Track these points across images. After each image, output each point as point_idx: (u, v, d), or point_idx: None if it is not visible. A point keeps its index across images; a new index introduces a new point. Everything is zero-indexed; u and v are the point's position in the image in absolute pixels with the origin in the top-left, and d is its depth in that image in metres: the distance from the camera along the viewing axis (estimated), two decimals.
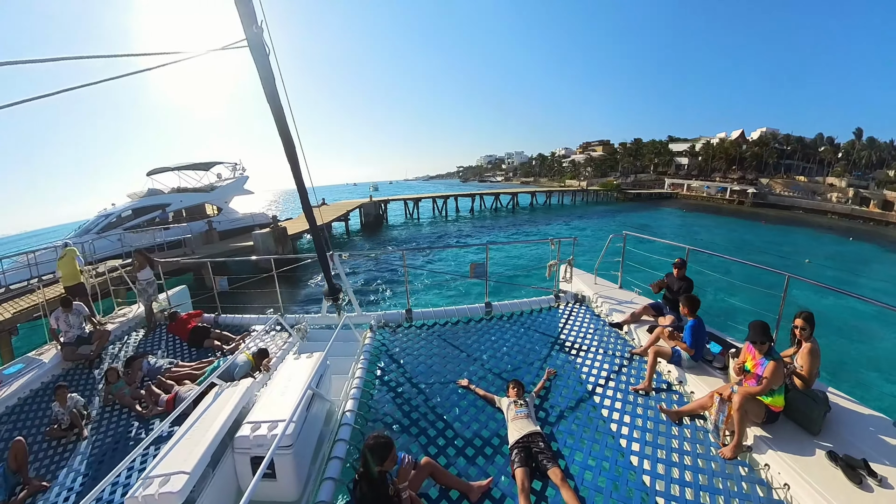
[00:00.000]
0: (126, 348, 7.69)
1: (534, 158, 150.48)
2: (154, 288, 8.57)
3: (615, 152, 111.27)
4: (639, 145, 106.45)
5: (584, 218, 53.23)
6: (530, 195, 71.20)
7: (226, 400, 4.14)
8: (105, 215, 22.92)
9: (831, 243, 40.21)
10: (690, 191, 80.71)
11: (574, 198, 76.47)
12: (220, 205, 27.87)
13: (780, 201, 66.54)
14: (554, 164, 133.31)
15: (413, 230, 45.01)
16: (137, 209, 23.81)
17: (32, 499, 4.42)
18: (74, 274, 8.41)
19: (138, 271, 8.42)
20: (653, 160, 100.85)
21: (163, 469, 3.17)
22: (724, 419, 3.95)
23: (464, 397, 4.97)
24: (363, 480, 3.03)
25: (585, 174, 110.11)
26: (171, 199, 25.51)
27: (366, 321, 7.04)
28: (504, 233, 43.45)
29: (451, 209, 58.70)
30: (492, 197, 65.20)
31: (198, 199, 26.82)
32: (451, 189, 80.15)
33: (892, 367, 13.18)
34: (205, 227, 24.72)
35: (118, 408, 5.84)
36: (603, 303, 7.09)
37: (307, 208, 5.58)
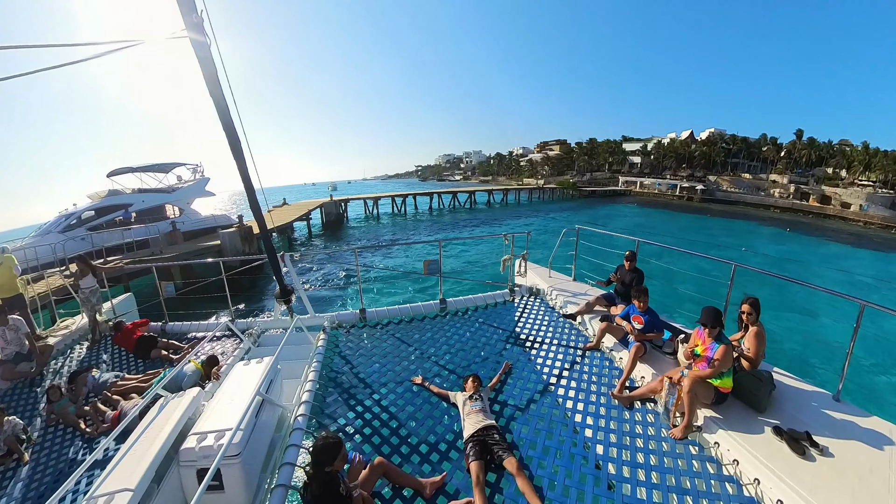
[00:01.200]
0: (69, 363, 7.14)
1: (492, 158, 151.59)
2: (98, 297, 7.99)
3: (571, 151, 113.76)
4: (594, 145, 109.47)
5: (541, 215, 54.53)
6: (487, 193, 72.11)
7: (171, 411, 3.93)
8: (66, 216, 22.13)
9: (770, 234, 43.18)
10: (643, 188, 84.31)
11: (531, 195, 77.95)
12: (182, 206, 27.67)
13: (727, 197, 70.68)
14: (512, 163, 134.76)
15: (373, 229, 45.60)
16: (100, 209, 23.21)
17: None
18: (12, 284, 7.74)
19: (80, 279, 7.85)
20: (607, 159, 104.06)
21: (106, 489, 2.98)
22: (674, 402, 4.07)
23: (418, 395, 4.92)
24: (314, 482, 2.96)
25: (543, 173, 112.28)
26: (134, 200, 24.97)
27: (319, 323, 6.85)
28: (462, 230, 44.11)
29: (410, 208, 59.62)
30: (450, 195, 66.01)
31: (160, 199, 26.47)
32: (409, 188, 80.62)
33: (832, 345, 14.14)
34: (169, 228, 24.59)
35: (62, 428, 5.42)
36: (557, 295, 7.18)
37: (255, 206, 5.38)
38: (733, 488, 3.35)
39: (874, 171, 67.39)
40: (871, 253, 36.54)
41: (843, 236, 44.62)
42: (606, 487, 3.43)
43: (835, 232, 47.48)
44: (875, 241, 43.31)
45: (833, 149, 76.86)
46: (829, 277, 25.52)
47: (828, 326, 16.13)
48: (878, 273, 28.33)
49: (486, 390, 4.63)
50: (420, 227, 45.83)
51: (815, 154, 76.25)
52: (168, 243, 23.36)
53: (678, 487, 3.38)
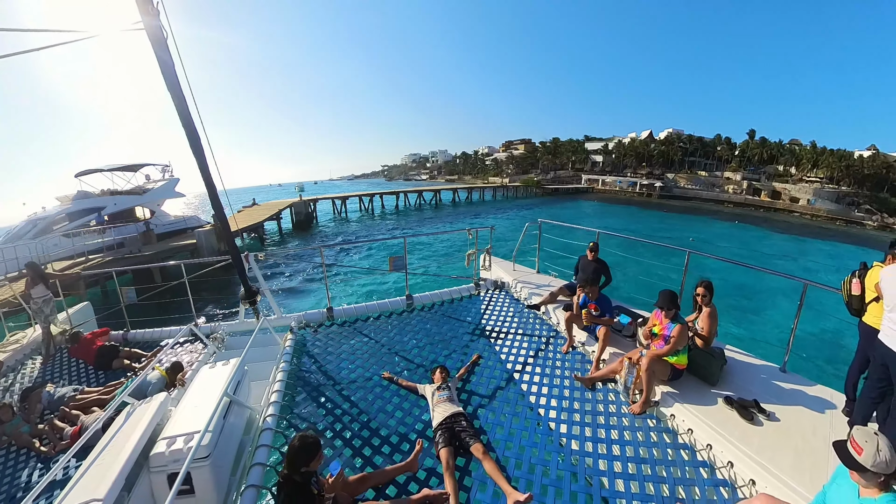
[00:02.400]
0: (21, 379, 6.74)
1: (458, 157, 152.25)
2: (51, 307, 7.49)
3: (535, 150, 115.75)
4: (557, 144, 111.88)
5: (504, 212, 55.54)
6: (452, 192, 72.67)
7: (138, 418, 3.84)
8: (36, 220, 21.62)
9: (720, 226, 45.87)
10: (605, 185, 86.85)
11: (495, 193, 79.26)
12: (153, 207, 27.29)
13: (684, 193, 73.77)
14: (477, 162, 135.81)
15: (342, 227, 45.84)
16: (72, 213, 22.79)
17: None
18: None
19: (31, 288, 7.39)
20: (570, 158, 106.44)
21: (72, 500, 2.90)
22: (633, 380, 4.27)
23: (388, 389, 4.97)
24: (287, 482, 2.93)
25: (508, 172, 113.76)
26: (106, 202, 24.58)
27: (286, 323, 6.79)
28: (427, 227, 44.93)
29: (378, 207, 60.31)
30: (416, 194, 66.50)
31: (131, 202, 26.10)
32: (376, 188, 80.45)
33: (778, 322, 15.11)
34: (143, 229, 24.26)
35: (15, 450, 5.09)
36: (522, 287, 7.32)
37: (217, 205, 5.29)
38: (688, 454, 3.56)
39: (821, 169, 71.63)
40: (817, 242, 39.31)
41: (791, 227, 47.66)
42: (571, 462, 3.58)
43: (783, 224, 50.51)
44: (820, 231, 46.64)
45: (783, 148, 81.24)
46: (775, 263, 27.19)
47: (775, 306, 17.17)
48: (822, 258, 30.46)
49: (454, 380, 4.73)
50: (387, 225, 46.46)
51: (767, 153, 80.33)
52: (143, 244, 23.13)
53: (637, 457, 3.57)
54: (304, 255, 25.83)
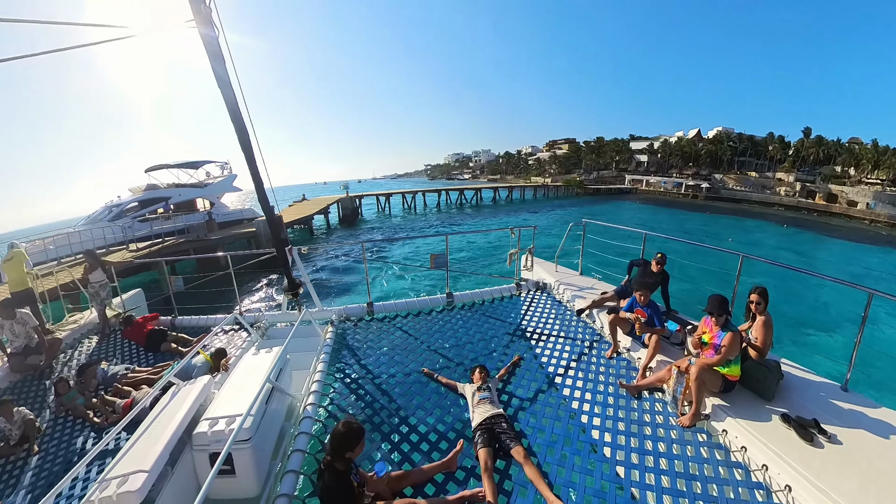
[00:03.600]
0: (79, 356, 7.21)
1: (500, 156, 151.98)
2: (107, 291, 8.04)
3: (579, 150, 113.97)
4: (601, 143, 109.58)
5: (545, 211, 55.09)
6: (493, 190, 73.34)
7: (183, 398, 4.02)
8: (113, 206, 25.16)
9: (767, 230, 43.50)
10: (649, 186, 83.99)
11: (536, 193, 78.53)
12: (213, 199, 30.33)
13: (732, 195, 70.24)
14: (520, 161, 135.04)
15: (385, 223, 47.79)
16: (143, 201, 26.34)
17: None
18: (22, 279, 7.81)
19: (89, 273, 7.92)
20: (614, 157, 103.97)
21: (120, 470, 3.06)
22: (681, 390, 4.07)
23: (426, 386, 4.96)
24: (328, 470, 2.95)
25: (550, 171, 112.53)
26: (171, 193, 27.95)
27: (327, 316, 6.89)
28: (468, 225, 45.31)
29: (420, 204, 61.68)
30: (457, 192, 67.62)
31: (193, 194, 29.42)
32: (418, 186, 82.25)
33: (839, 335, 13.99)
34: (206, 218, 27.15)
35: (71, 419, 5.48)
36: (564, 290, 7.15)
37: (264, 203, 5.44)
38: (741, 474, 3.35)
39: (883, 170, 66.85)
40: (875, 249, 36.34)
41: (847, 233, 44.47)
42: (615, 474, 3.44)
43: (838, 229, 47.17)
44: (879, 238, 43.02)
45: (842, 147, 76.27)
46: (833, 269, 25.40)
47: (835, 317, 15.92)
48: (885, 267, 28.20)
49: (495, 380, 4.66)
50: (429, 222, 47.55)
51: (823, 152, 75.76)
52: (208, 231, 25.93)
53: (686, 473, 3.39)
54: (347, 250, 26.47)
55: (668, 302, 5.97)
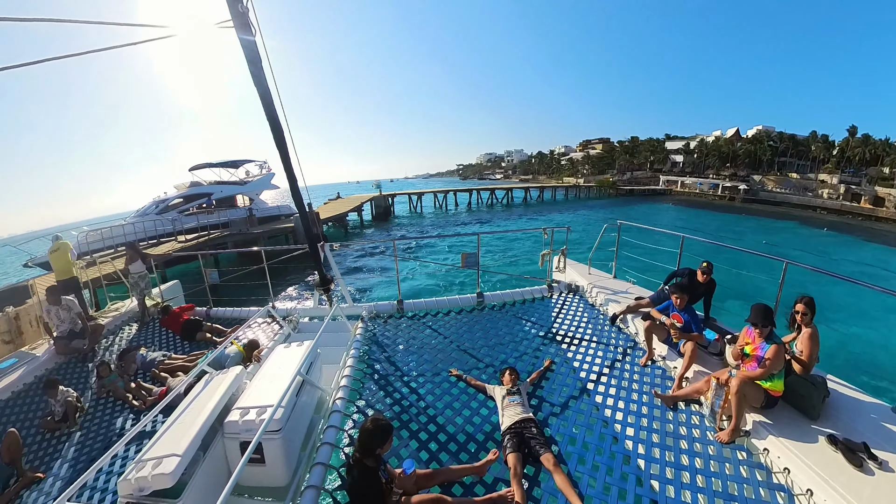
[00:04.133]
0: (119, 342, 7.64)
1: (533, 157, 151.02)
2: (146, 282, 8.44)
3: (613, 150, 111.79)
4: (635, 143, 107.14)
5: (577, 212, 54.37)
6: (524, 190, 73.35)
7: (216, 387, 4.12)
8: (159, 201, 27.48)
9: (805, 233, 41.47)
10: (684, 187, 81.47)
11: (567, 193, 77.60)
12: (252, 196, 32.06)
13: (772, 197, 67.07)
14: (552, 162, 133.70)
15: (417, 221, 49.05)
16: (187, 197, 28.47)
17: (28, 489, 4.46)
18: (68, 268, 8.28)
19: (129, 264, 8.30)
20: (649, 158, 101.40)
21: (156, 452, 3.16)
22: (720, 404, 3.90)
23: (455, 386, 4.93)
24: (356, 466, 2.98)
25: (583, 172, 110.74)
26: (213, 190, 30.04)
27: (357, 312, 6.96)
28: (499, 224, 45.49)
29: (451, 203, 63.16)
30: (488, 192, 68.03)
31: (234, 190, 31.43)
32: (450, 186, 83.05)
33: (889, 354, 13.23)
34: (246, 213, 28.88)
35: (112, 401, 5.82)
36: (597, 293, 6.99)
37: (298, 199, 5.53)
38: (784, 498, 3.18)
39: None
40: None
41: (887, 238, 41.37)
42: (649, 488, 3.33)
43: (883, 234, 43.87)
44: None
45: (890, 146, 71.67)
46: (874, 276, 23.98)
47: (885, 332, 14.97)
48: None
49: (525, 384, 4.59)
50: (459, 221, 48.25)
51: (870, 152, 71.39)
52: (249, 225, 27.48)
53: (725, 493, 3.24)
54: (378, 247, 26.85)
55: (709, 310, 5.73)
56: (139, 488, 2.97)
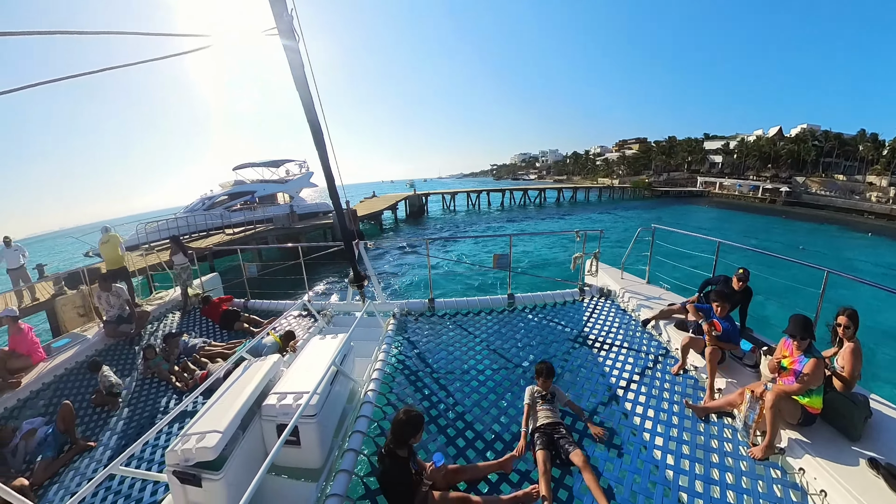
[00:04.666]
0: (163, 328, 8.11)
1: (568, 157, 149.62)
2: (188, 273, 8.93)
3: (649, 150, 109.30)
4: (672, 143, 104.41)
5: (610, 214, 53.58)
6: (557, 191, 73.35)
7: (254, 373, 4.31)
8: (205, 199, 29.90)
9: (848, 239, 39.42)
10: (722, 189, 78.62)
11: (601, 194, 76.40)
12: (293, 194, 34.32)
13: (815, 200, 63.31)
14: (587, 162, 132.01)
15: (450, 220, 50.08)
16: (232, 194, 30.98)
17: (79, 456, 4.94)
18: (117, 258, 8.90)
19: (173, 256, 8.77)
20: (686, 158, 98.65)
21: (199, 428, 3.37)
22: (754, 418, 3.79)
23: (484, 385, 4.99)
24: (388, 455, 3.09)
25: (619, 172, 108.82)
26: (256, 188, 32.53)
27: (389, 309, 7.10)
28: (531, 225, 45.41)
29: (484, 203, 64.36)
30: (521, 192, 68.61)
31: (275, 189, 33.70)
32: (483, 186, 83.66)
33: None
34: (287, 210, 30.83)
35: (156, 381, 6.25)
36: (630, 298, 6.89)
37: (335, 198, 5.72)
38: None
39: None
40: None
41: None
42: (676, 499, 3.30)
43: None
44: None
45: None
46: None
47: None
48: None
49: (561, 395, 4.36)
50: (491, 221, 48.83)
51: None
52: (290, 221, 29.35)
53: None
54: (411, 246, 27.21)
55: (745, 320, 5.57)
56: (185, 459, 3.18)
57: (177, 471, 3.24)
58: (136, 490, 4.15)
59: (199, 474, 3.20)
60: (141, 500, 4.00)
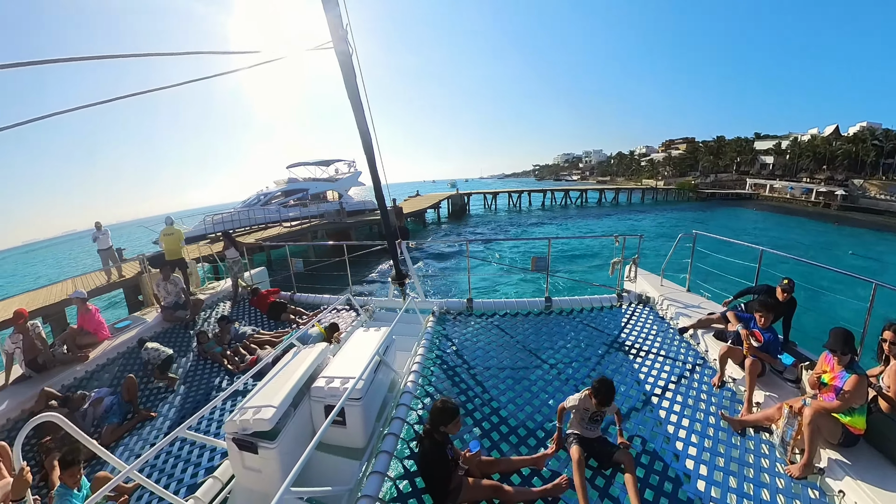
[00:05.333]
0: (215, 316, 8.74)
1: (612, 157, 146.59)
2: (239, 266, 9.52)
3: (697, 150, 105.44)
4: (720, 143, 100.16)
5: (651, 216, 52.39)
6: (599, 192, 73.00)
7: (303, 358, 4.70)
8: (261, 195, 33.00)
9: None
10: (772, 191, 74.40)
11: (643, 196, 74.51)
12: (341, 192, 36.98)
13: (874, 205, 58.00)
14: (632, 162, 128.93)
15: (490, 219, 51.26)
16: (287, 191, 33.74)
17: (141, 424, 5.53)
18: (177, 250, 9.61)
19: (225, 250, 9.37)
20: (734, 159, 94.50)
21: (254, 403, 3.76)
22: (792, 434, 3.67)
23: (519, 383, 5.10)
24: (427, 438, 3.30)
25: (664, 174, 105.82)
26: (309, 186, 35.19)
27: (428, 307, 7.29)
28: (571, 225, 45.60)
29: (525, 203, 65.36)
30: (562, 193, 69.16)
31: (325, 186, 36.63)
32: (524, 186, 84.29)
33: None
34: (337, 206, 33.62)
35: (209, 363, 6.81)
36: (669, 306, 6.81)
37: (380, 199, 5.99)
38: None
39: None
40: None
41: None
42: None
43: None
44: None
45: None
46: None
47: None
48: None
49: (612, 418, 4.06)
50: (532, 221, 49.47)
51: None
52: (341, 217, 31.94)
53: None
54: (451, 247, 27.94)
55: (788, 332, 5.39)
56: (243, 428, 3.57)
57: (236, 438, 3.64)
58: (194, 455, 4.59)
59: (256, 442, 3.59)
60: (199, 464, 4.42)
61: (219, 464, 4.25)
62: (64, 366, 6.58)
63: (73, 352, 6.78)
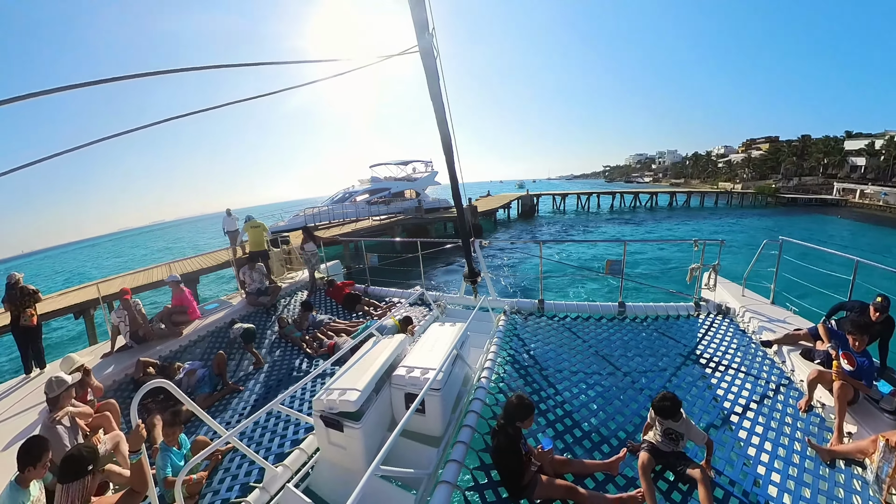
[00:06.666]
0: (294, 303, 9.40)
1: (687, 158, 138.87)
2: (317, 258, 10.15)
3: (779, 150, 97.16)
4: (805, 143, 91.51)
5: (727, 221, 49.06)
6: (670, 195, 70.02)
7: (383, 347, 4.96)
8: (346, 193, 36.43)
9: None
10: (863, 197, 66.02)
11: (717, 200, 69.96)
12: (419, 190, 39.22)
13: None
14: (708, 164, 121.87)
15: (559, 220, 51.56)
16: (371, 190, 36.71)
17: (229, 396, 6.01)
18: (261, 241, 10.52)
19: (304, 244, 10.02)
20: (821, 160, 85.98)
21: (340, 385, 4.05)
22: (888, 471, 3.33)
23: (592, 388, 5.05)
24: (502, 432, 3.42)
25: (742, 176, 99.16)
26: (390, 185, 38.03)
27: (500, 306, 7.37)
28: (641, 228, 43.96)
29: (593, 205, 64.75)
30: (631, 195, 67.58)
31: (404, 185, 38.92)
32: (593, 188, 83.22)
33: None
34: (416, 204, 36.59)
35: (289, 346, 7.31)
36: (751, 318, 6.41)
37: (457, 199, 6.16)
38: None
39: None
40: None
41: None
42: None
43: None
44: None
45: None
46: None
47: None
48: None
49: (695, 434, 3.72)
50: (601, 222, 49.25)
51: None
52: (420, 214, 34.52)
53: None
54: (524, 247, 27.93)
55: (886, 357, 4.87)
56: (330, 407, 3.88)
57: (324, 415, 3.96)
58: (280, 428, 4.92)
59: (342, 421, 3.87)
60: (285, 436, 4.76)
61: (304, 437, 4.59)
62: (161, 339, 7.35)
63: (169, 328, 7.57)
